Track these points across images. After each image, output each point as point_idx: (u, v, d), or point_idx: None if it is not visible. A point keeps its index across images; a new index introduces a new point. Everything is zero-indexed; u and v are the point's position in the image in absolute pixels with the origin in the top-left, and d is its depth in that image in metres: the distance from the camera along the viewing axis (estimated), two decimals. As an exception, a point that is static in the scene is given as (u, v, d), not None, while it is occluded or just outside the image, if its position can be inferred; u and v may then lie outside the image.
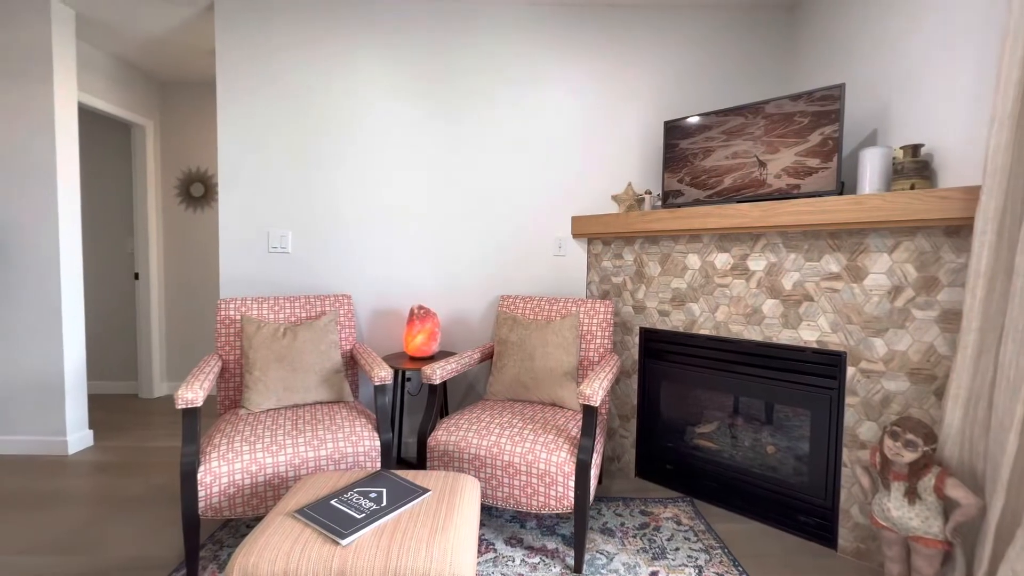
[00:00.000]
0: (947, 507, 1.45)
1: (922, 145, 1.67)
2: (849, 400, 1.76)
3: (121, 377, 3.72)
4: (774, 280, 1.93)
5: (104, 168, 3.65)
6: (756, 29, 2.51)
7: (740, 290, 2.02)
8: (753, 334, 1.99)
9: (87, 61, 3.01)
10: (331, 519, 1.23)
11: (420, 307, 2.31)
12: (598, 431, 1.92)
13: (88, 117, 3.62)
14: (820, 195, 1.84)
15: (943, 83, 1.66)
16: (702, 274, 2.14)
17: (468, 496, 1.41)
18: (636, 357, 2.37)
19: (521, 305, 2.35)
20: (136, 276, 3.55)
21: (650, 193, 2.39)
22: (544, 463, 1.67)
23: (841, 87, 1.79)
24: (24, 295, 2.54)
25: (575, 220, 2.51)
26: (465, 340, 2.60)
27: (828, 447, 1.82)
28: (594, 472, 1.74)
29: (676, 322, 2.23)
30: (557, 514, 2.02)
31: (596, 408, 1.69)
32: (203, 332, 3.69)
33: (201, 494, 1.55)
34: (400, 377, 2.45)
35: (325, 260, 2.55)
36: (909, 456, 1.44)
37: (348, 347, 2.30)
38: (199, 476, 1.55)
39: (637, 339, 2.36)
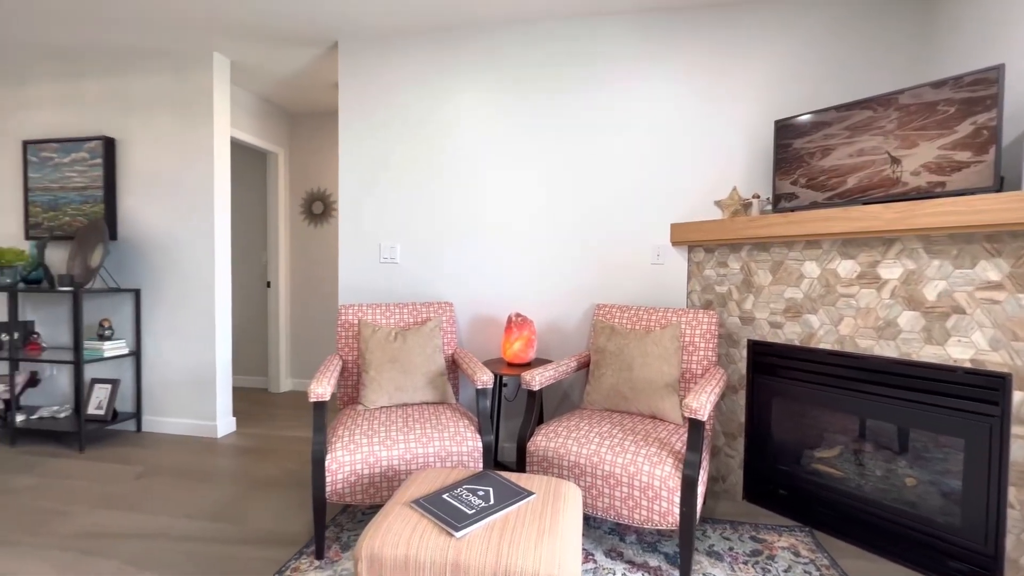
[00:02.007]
0: None
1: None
2: (1017, 430, 1.51)
3: (254, 373, 4.25)
4: (912, 289, 1.72)
5: (244, 191, 4.23)
6: (882, 18, 2.27)
7: (869, 300, 1.83)
8: (886, 350, 1.78)
9: (235, 100, 3.52)
10: (445, 512, 1.31)
11: (518, 315, 2.38)
12: (704, 447, 1.83)
13: (234, 148, 4.22)
14: (972, 193, 1.61)
15: None
16: (822, 283, 1.96)
17: (571, 503, 1.42)
18: (744, 371, 2.23)
19: (618, 314, 2.33)
20: (268, 284, 4.06)
21: (758, 197, 2.25)
22: (647, 476, 1.63)
23: (999, 69, 1.56)
24: (189, 300, 3.01)
25: (674, 227, 2.43)
26: (560, 348, 2.62)
27: (989, 484, 1.57)
28: (700, 490, 1.66)
29: (791, 335, 2.06)
30: (659, 530, 1.95)
31: (703, 422, 1.62)
32: (321, 334, 4.10)
33: (328, 479, 1.73)
34: (498, 382, 2.53)
35: (429, 270, 2.73)
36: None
37: (450, 351, 2.43)
38: (326, 463, 1.73)
39: (745, 352, 2.22)
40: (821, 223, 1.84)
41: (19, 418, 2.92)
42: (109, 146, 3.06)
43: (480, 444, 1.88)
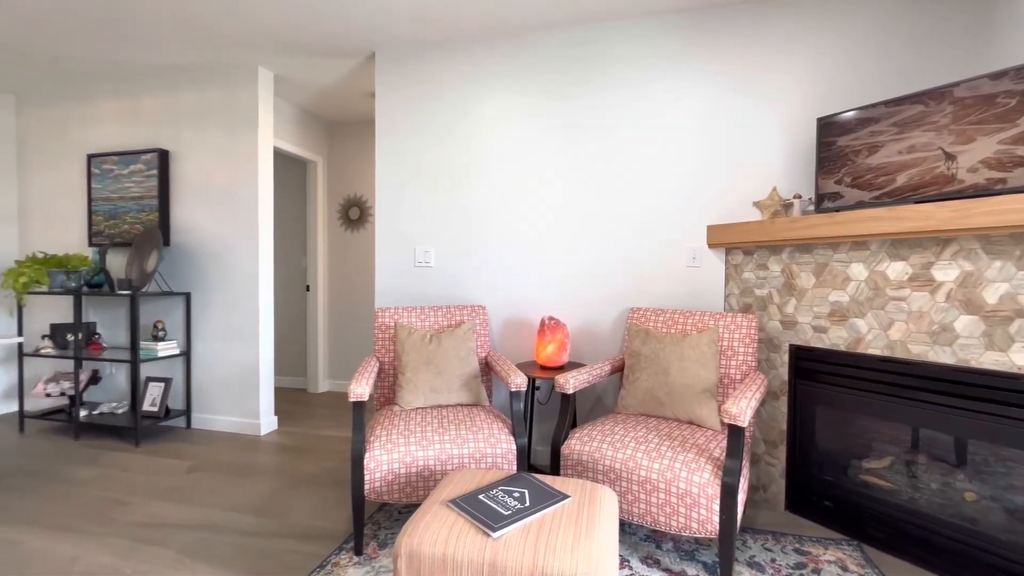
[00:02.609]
0: None
1: None
2: (1090, 443, 1.40)
3: (294, 373, 4.40)
4: (971, 292, 1.62)
5: (285, 198, 4.39)
6: (935, 9, 2.17)
7: (922, 304, 1.74)
8: (942, 356, 1.69)
9: (278, 111, 3.68)
10: (481, 512, 1.32)
11: (551, 318, 2.38)
12: (744, 454, 1.79)
13: (276, 157, 4.40)
14: (1037, 189, 1.51)
15: None
16: (869, 285, 1.88)
17: (607, 507, 1.41)
18: (785, 377, 2.16)
19: (652, 318, 2.29)
20: (307, 288, 4.20)
21: (800, 197, 2.18)
22: (685, 482, 1.60)
23: (1067, 57, 1.46)
24: (235, 303, 3.15)
25: (711, 229, 2.38)
26: (593, 352, 2.60)
27: (1058, 500, 1.46)
28: (740, 498, 1.62)
29: (836, 339, 1.98)
30: (696, 538, 1.91)
31: (743, 429, 1.58)
32: (357, 336, 4.21)
33: (366, 478, 1.77)
34: (531, 385, 2.53)
35: (463, 273, 2.76)
36: None
37: (483, 354, 2.45)
38: (365, 462, 1.77)
39: (786, 357, 2.15)
40: (869, 223, 1.77)
41: (82, 413, 3.12)
42: (163, 157, 3.25)
43: (514, 446, 1.89)
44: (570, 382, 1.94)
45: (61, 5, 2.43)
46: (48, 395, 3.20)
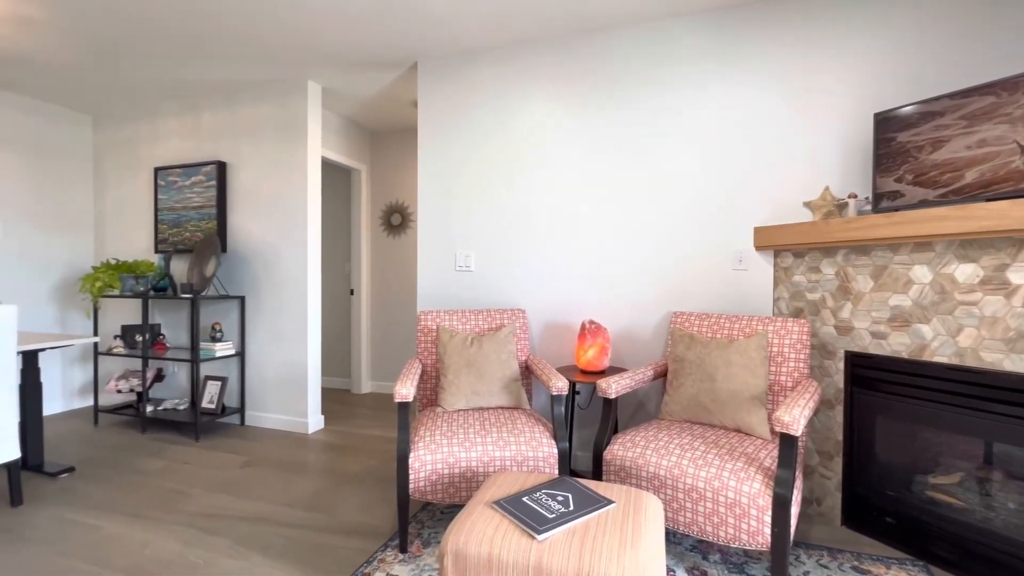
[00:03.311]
0: None
1: None
2: None
3: (339, 374, 4.55)
4: (1053, 296, 1.50)
5: (330, 205, 4.57)
6: (1007, -13, 2.03)
7: (996, 309, 1.62)
8: (1019, 365, 1.57)
9: (325, 122, 3.83)
10: (526, 514, 1.33)
11: (591, 322, 2.36)
12: (796, 465, 1.71)
13: (323, 166, 4.58)
14: None
15: None
16: (935, 289, 1.77)
17: (653, 515, 1.38)
18: (840, 385, 2.06)
19: (697, 322, 2.24)
20: (351, 292, 4.34)
21: (855, 197, 2.08)
22: (734, 492, 1.55)
23: None
24: (285, 307, 3.30)
25: (758, 231, 2.31)
26: (634, 356, 2.56)
27: None
28: (794, 511, 1.56)
29: (897, 346, 1.87)
30: (745, 550, 1.84)
31: (795, 438, 1.51)
32: (398, 339, 4.32)
33: (411, 477, 1.81)
34: (571, 389, 2.52)
35: (503, 277, 2.79)
36: None
37: (523, 357, 2.46)
38: (410, 461, 1.82)
39: (842, 364, 2.05)
40: (933, 223, 1.67)
41: (149, 409, 3.35)
42: (221, 169, 3.45)
43: (556, 450, 1.88)
44: (612, 387, 1.92)
45: (134, 32, 2.63)
46: (119, 391, 3.45)
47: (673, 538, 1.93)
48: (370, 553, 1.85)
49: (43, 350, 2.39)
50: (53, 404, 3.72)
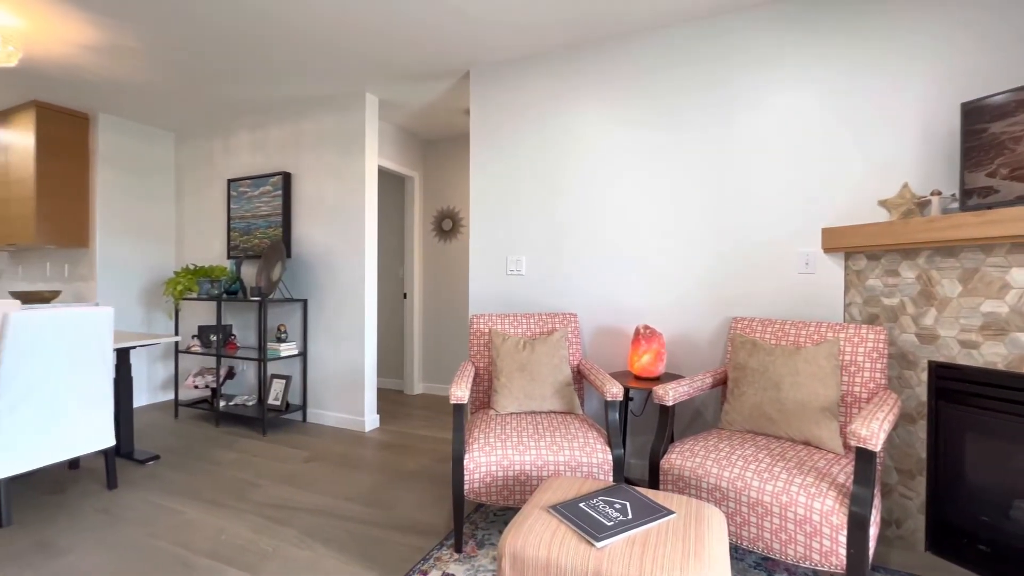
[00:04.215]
0: None
1: None
2: None
3: (392, 375, 4.70)
4: None
5: (385, 212, 4.74)
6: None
7: (1114, 317, 1.44)
8: None
9: (381, 132, 3.99)
10: (583, 520, 1.32)
11: (646, 327, 2.32)
12: (875, 482, 1.60)
13: (379, 174, 4.77)
14: None
15: None
16: (1037, 294, 1.60)
17: (716, 528, 1.33)
18: (923, 398, 1.90)
19: (759, 328, 2.14)
20: (404, 296, 4.48)
21: (939, 194, 1.92)
22: (804, 508, 1.47)
23: None
24: (344, 309, 3.45)
25: (827, 232, 2.18)
26: (690, 363, 2.48)
27: None
28: (872, 532, 1.45)
29: (991, 356, 1.71)
30: (816, 570, 1.74)
31: (874, 453, 1.41)
32: (449, 342, 4.40)
33: (465, 478, 1.84)
34: (625, 396, 2.48)
35: (554, 281, 2.79)
36: None
37: (575, 362, 2.44)
38: (464, 462, 1.85)
39: (924, 376, 1.89)
40: (1035, 221, 1.51)
41: (222, 404, 3.59)
42: (286, 179, 3.67)
43: (610, 457, 1.86)
44: (670, 394, 1.87)
45: (214, 57, 2.86)
46: (196, 387, 3.73)
47: (736, 554, 1.85)
48: (426, 551, 1.90)
49: (134, 348, 2.63)
50: (139, 397, 4.07)
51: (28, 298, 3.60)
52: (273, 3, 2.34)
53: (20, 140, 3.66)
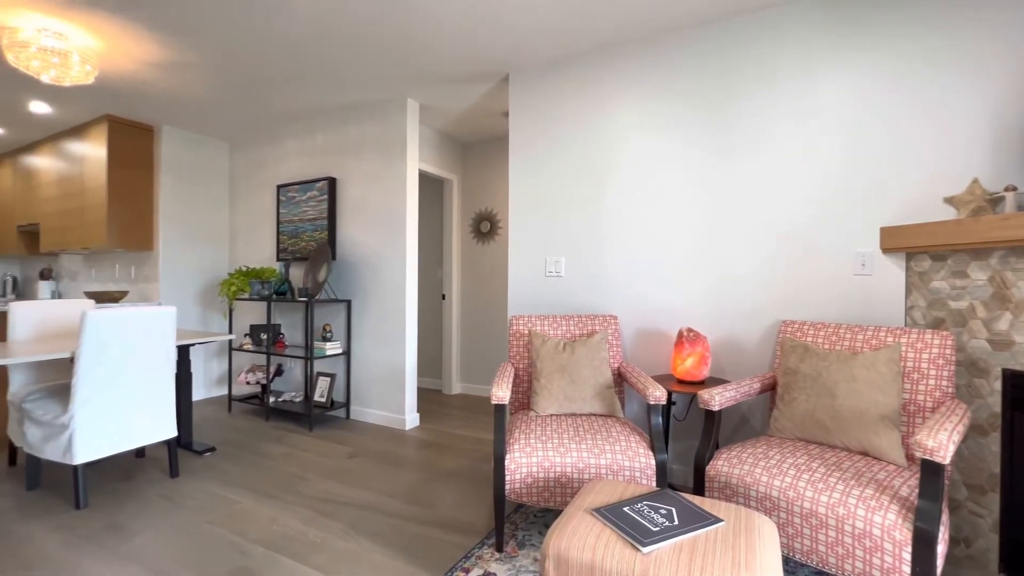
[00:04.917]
0: None
1: None
2: None
3: (431, 375, 4.78)
4: None
5: (424, 214, 4.83)
6: None
7: None
8: None
9: (421, 136, 4.07)
10: (628, 524, 1.30)
11: (689, 330, 2.26)
12: (942, 498, 1.50)
13: (419, 177, 4.86)
14: None
15: None
16: None
17: (768, 538, 1.29)
18: (996, 409, 1.77)
19: (812, 332, 2.05)
20: (443, 297, 4.55)
21: (1015, 189, 1.79)
22: (863, 522, 1.39)
23: None
24: (387, 310, 3.55)
25: (886, 232, 2.06)
26: (735, 367, 2.41)
27: None
28: (940, 550, 1.36)
29: (1076, 365, 1.57)
30: (874, 591, 1.64)
31: (942, 466, 1.33)
32: (486, 343, 4.44)
33: (506, 478, 1.86)
34: (667, 400, 2.43)
35: (594, 283, 2.77)
36: None
37: (616, 365, 2.42)
38: (505, 462, 1.86)
39: (998, 384, 1.76)
40: None
41: (271, 400, 3.76)
42: (332, 184, 3.80)
43: (653, 461, 1.82)
44: (715, 398, 1.82)
45: (266, 68, 3.00)
46: (247, 383, 3.91)
47: (788, 566, 1.78)
48: (467, 549, 1.92)
49: (193, 345, 2.79)
50: (196, 392, 4.31)
51: (100, 298, 3.88)
52: (324, 14, 2.44)
53: (94, 152, 3.96)
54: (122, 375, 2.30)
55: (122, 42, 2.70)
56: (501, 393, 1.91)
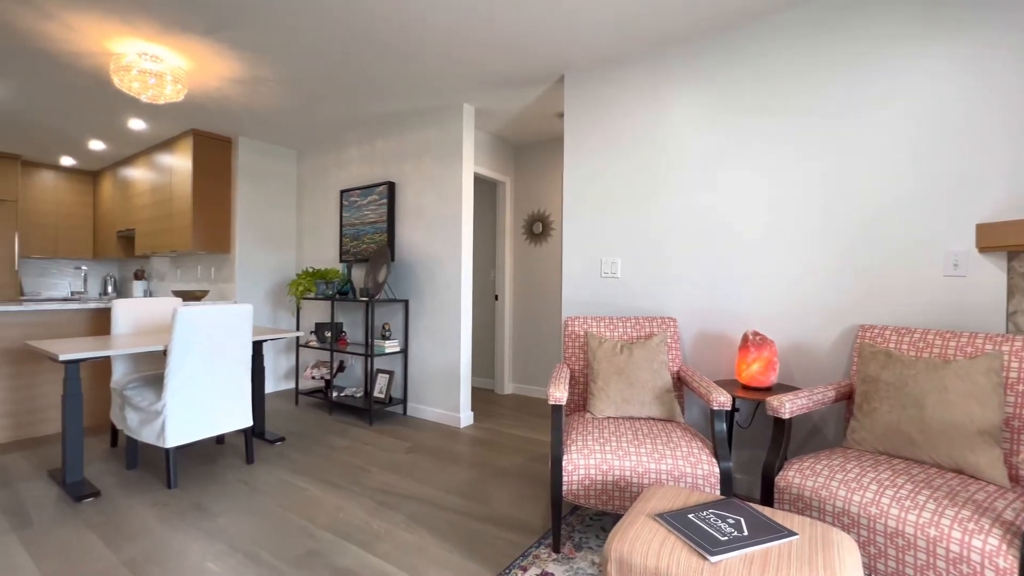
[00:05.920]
0: None
1: None
2: None
3: (484, 375, 4.85)
4: None
5: (478, 216, 4.91)
6: None
7: None
8: None
9: (476, 140, 4.15)
10: (694, 532, 1.26)
11: (756, 333, 2.16)
12: (1053, 524, 1.35)
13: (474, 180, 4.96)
14: None
15: None
16: None
17: (848, 556, 1.21)
18: (1122, 427, 1.56)
19: (895, 338, 1.91)
20: (496, 297, 4.60)
21: None
22: (958, 545, 1.28)
23: None
24: (441, 310, 3.64)
25: (983, 229, 1.88)
26: (805, 373, 2.28)
27: None
28: (1053, 582, 1.22)
29: None
30: (971, 622, 1.50)
31: (1056, 489, 1.19)
32: (538, 343, 4.45)
33: (564, 479, 1.85)
34: (731, 406, 2.33)
35: (651, 284, 2.71)
36: None
37: (675, 368, 2.35)
38: (563, 463, 1.85)
39: (1124, 400, 1.56)
40: None
41: (334, 395, 3.95)
42: (391, 188, 3.95)
43: (717, 469, 1.76)
44: (786, 405, 1.73)
45: (332, 80, 3.17)
46: (312, 378, 4.14)
47: (865, 588, 1.66)
48: (524, 548, 1.93)
49: (266, 341, 3.00)
50: (267, 385, 4.61)
51: (186, 296, 4.24)
52: (392, 18, 2.54)
53: (181, 163, 4.34)
54: (207, 367, 2.50)
55: (209, 61, 2.94)
56: (559, 394, 1.91)
